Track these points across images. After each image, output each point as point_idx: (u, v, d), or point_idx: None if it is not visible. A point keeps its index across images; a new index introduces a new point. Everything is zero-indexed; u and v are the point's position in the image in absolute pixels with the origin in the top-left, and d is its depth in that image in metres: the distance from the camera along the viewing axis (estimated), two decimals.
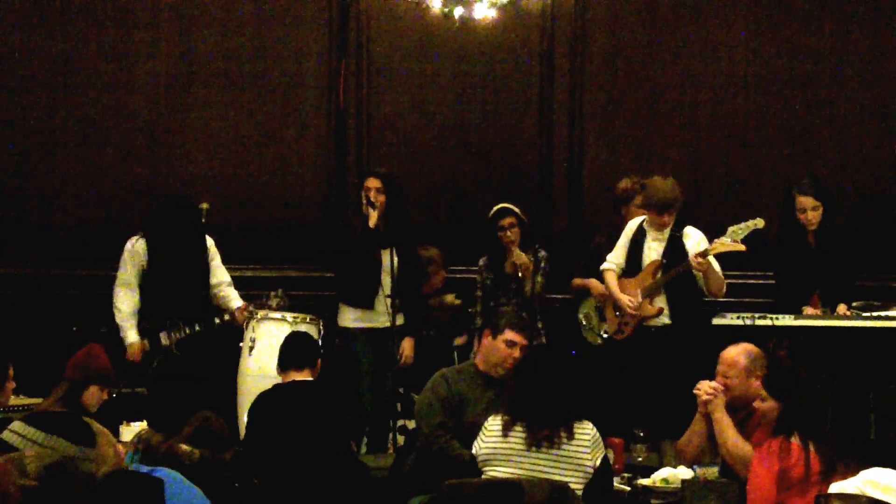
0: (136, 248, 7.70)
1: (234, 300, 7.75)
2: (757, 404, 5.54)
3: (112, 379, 6.36)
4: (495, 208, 8.09)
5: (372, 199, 7.75)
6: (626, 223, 7.80)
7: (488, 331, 6.20)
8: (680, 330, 7.35)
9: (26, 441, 4.46)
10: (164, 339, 7.64)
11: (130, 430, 6.48)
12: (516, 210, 8.06)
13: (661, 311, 7.39)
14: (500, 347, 6.06)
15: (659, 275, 7.42)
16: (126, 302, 7.70)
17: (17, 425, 5.42)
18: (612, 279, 7.56)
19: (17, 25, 8.94)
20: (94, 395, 6.17)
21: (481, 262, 8.16)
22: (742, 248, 7.17)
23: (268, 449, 5.90)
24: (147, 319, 7.68)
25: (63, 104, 8.94)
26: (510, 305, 7.66)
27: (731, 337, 6.46)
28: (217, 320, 7.62)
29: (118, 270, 7.76)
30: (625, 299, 7.43)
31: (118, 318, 7.70)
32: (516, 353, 6.02)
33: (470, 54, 8.93)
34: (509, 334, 6.06)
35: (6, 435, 5.21)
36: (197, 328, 7.60)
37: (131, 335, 7.66)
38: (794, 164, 8.70)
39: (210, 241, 7.84)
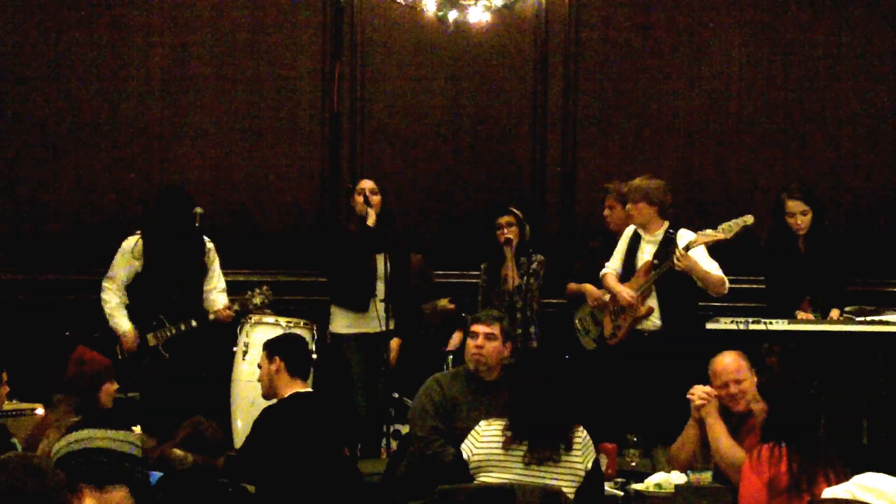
0: (131, 250, 7.68)
1: (221, 304, 7.74)
2: (753, 405, 5.54)
3: (112, 368, 6.38)
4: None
5: (368, 199, 7.75)
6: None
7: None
8: (673, 334, 7.36)
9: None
10: (151, 339, 7.64)
11: None
12: (516, 211, 8.08)
13: (650, 312, 7.41)
14: (468, 343, 6.16)
15: (651, 275, 7.43)
16: (113, 296, 7.70)
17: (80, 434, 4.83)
18: (611, 279, 7.59)
19: (10, 29, 8.93)
20: (108, 392, 6.20)
21: (483, 266, 8.19)
22: (722, 236, 7.20)
23: (270, 460, 5.89)
24: (134, 320, 7.68)
25: (56, 108, 8.94)
26: (500, 310, 7.67)
27: (724, 341, 6.47)
28: (203, 319, 7.62)
29: (110, 266, 7.74)
30: (623, 291, 7.44)
31: (107, 309, 7.68)
32: (479, 341, 6.07)
33: (464, 58, 8.94)
34: (472, 328, 6.15)
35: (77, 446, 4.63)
36: (182, 328, 7.60)
37: (123, 323, 7.66)
38: (786, 168, 8.72)
39: (210, 245, 7.82)
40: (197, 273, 7.73)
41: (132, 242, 7.70)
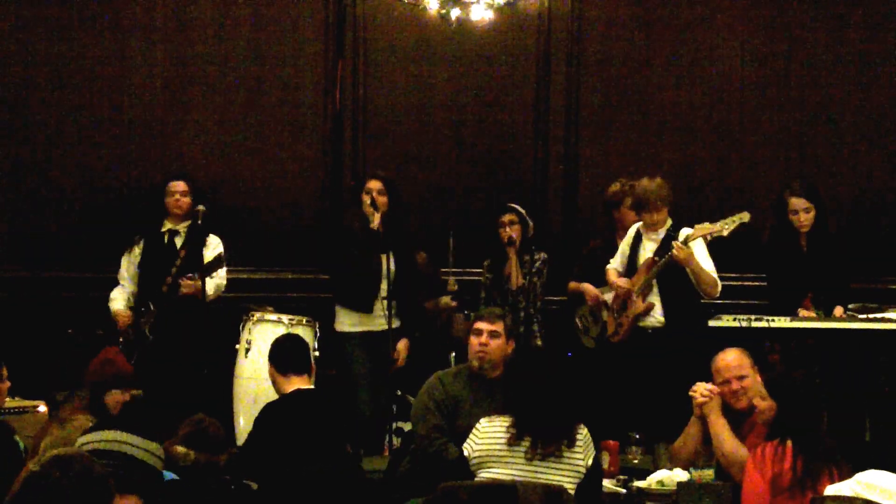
0: (132, 249, 7.87)
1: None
2: (757, 402, 5.52)
3: (131, 380, 6.38)
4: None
5: (375, 201, 7.74)
6: (618, 227, 7.88)
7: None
8: (675, 332, 7.36)
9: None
10: (141, 324, 7.72)
11: None
12: (520, 209, 8.08)
13: (651, 307, 7.42)
14: (471, 341, 6.15)
15: (652, 270, 7.43)
16: (117, 293, 7.88)
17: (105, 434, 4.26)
18: (612, 274, 7.61)
19: (12, 29, 8.93)
20: (115, 399, 6.19)
21: (485, 264, 8.18)
22: (719, 228, 7.21)
23: (271, 457, 5.89)
24: (135, 310, 7.80)
25: (59, 107, 8.94)
26: (503, 308, 7.66)
27: (726, 339, 6.47)
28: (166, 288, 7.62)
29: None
30: (621, 282, 7.46)
31: (110, 303, 7.86)
32: (483, 338, 6.08)
33: (466, 57, 8.93)
34: (475, 325, 6.16)
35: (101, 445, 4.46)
36: (152, 307, 7.66)
37: (116, 305, 7.82)
38: (788, 166, 8.72)
39: (217, 239, 7.84)
40: (191, 265, 7.72)
41: (136, 251, 7.86)
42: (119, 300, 7.88)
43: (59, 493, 3.34)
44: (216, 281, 7.76)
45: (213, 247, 7.79)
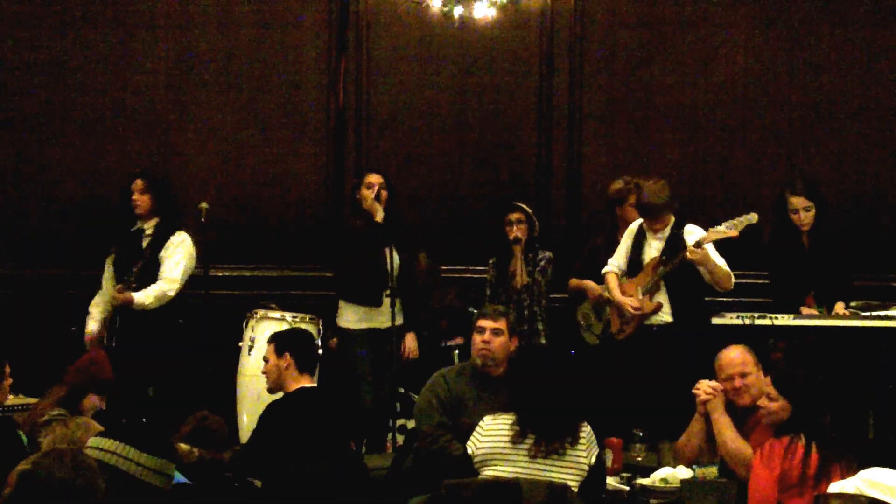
0: (112, 249, 7.79)
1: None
2: (762, 402, 5.53)
3: (112, 388, 6.36)
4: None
5: (378, 194, 7.74)
6: (620, 224, 7.86)
7: None
8: (680, 329, 7.35)
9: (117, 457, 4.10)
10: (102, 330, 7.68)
11: None
12: (526, 208, 8.07)
13: (659, 307, 7.40)
14: (474, 339, 6.15)
15: (659, 270, 7.42)
16: (94, 307, 7.78)
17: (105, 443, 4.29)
18: (612, 282, 7.56)
19: (14, 26, 8.94)
20: (92, 403, 6.18)
21: (491, 262, 8.18)
22: (734, 234, 7.19)
23: (275, 454, 5.89)
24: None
25: (61, 105, 8.95)
26: (508, 306, 7.65)
27: (730, 336, 6.46)
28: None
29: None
30: (626, 302, 7.43)
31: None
32: (486, 336, 6.08)
33: (469, 54, 8.93)
34: (479, 323, 6.16)
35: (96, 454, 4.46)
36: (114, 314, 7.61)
37: (89, 325, 7.72)
38: (791, 164, 8.72)
39: (179, 238, 7.65)
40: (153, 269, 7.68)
41: (112, 260, 7.78)
42: (93, 316, 7.72)
43: (52, 486, 3.35)
44: (160, 288, 7.55)
45: (175, 246, 7.63)
